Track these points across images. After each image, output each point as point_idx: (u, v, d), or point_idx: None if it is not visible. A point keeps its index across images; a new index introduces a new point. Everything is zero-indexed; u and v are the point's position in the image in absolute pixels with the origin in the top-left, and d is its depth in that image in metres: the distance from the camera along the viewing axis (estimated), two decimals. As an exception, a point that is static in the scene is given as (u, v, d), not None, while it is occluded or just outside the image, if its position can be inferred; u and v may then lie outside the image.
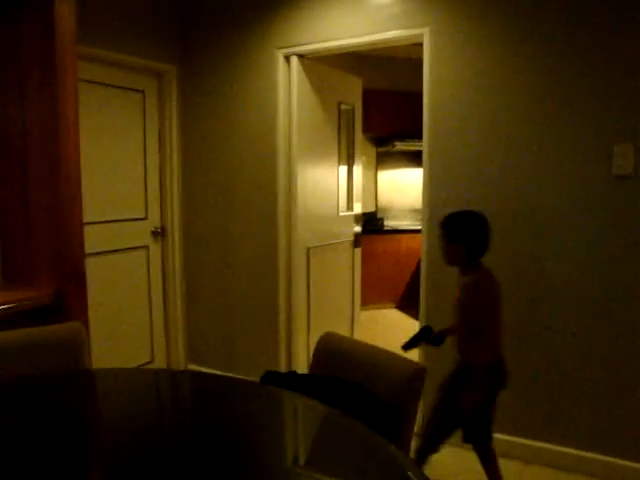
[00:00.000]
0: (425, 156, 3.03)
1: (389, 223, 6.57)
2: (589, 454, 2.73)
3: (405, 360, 1.68)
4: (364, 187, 6.37)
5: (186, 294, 4.08)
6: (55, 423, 1.58)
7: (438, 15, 2.92)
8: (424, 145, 3.02)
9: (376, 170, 6.61)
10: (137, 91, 3.80)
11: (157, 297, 4.00)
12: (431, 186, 3.03)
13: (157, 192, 3.95)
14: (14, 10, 2.75)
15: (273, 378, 1.78)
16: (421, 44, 3.00)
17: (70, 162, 2.67)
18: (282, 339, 3.62)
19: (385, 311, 6.02)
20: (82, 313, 2.72)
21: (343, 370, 1.83)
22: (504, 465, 2.43)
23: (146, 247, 3.93)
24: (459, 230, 2.24)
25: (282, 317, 3.60)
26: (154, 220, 3.95)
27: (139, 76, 3.77)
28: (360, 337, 4.27)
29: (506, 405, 2.87)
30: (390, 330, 5.35)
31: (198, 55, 3.80)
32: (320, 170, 3.68)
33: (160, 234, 3.99)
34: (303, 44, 3.37)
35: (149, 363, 3.99)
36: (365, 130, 6.17)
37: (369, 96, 6.07)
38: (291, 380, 1.75)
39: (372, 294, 5.99)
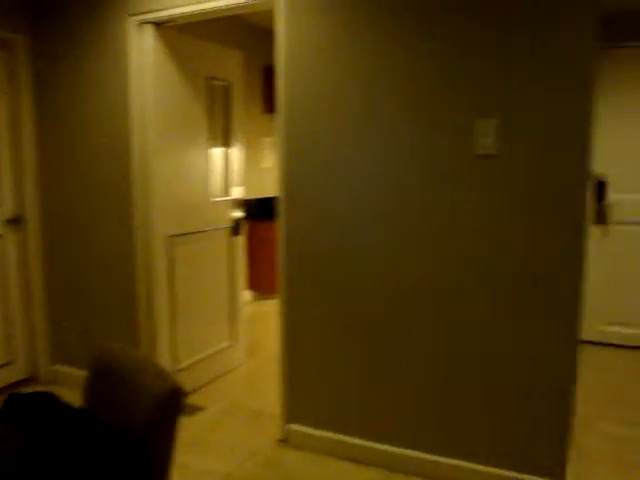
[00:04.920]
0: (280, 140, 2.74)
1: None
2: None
3: (163, 379, 1.39)
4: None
5: (46, 288, 3.71)
6: None
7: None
8: (278, 131, 2.72)
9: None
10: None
11: (15, 290, 3.62)
12: (287, 164, 2.75)
13: (9, 176, 3.54)
14: None
15: (16, 403, 1.47)
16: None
17: None
18: (143, 338, 3.31)
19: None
20: None
21: (111, 391, 1.54)
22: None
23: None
24: None
25: (141, 312, 3.28)
26: (8, 208, 3.55)
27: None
28: (243, 332, 3.99)
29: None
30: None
31: (48, 24, 3.39)
32: (185, 152, 3.33)
33: (17, 222, 3.59)
34: (157, 10, 3.01)
35: (8, 364, 3.62)
36: (271, 110, 5.86)
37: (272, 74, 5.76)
38: (33, 407, 1.44)
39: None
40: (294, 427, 2.91)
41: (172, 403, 1.33)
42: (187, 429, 3.09)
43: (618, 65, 4.26)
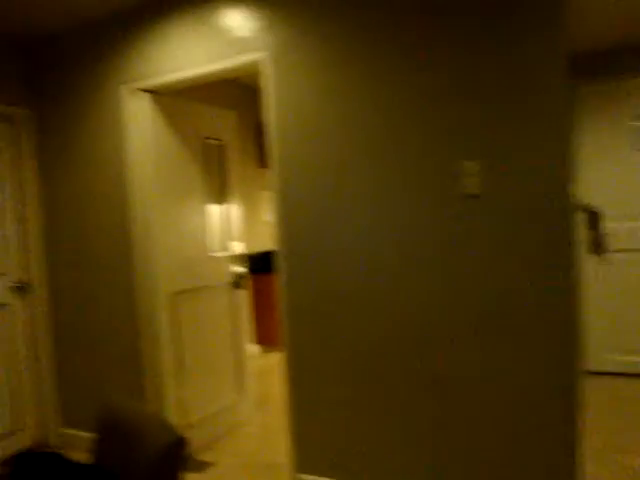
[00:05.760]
0: (276, 192, 2.84)
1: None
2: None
3: (165, 430, 1.43)
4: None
5: (54, 353, 3.76)
6: None
7: (278, 39, 2.76)
8: (273, 186, 2.83)
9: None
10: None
11: (23, 357, 3.67)
12: (283, 218, 2.84)
13: (15, 243, 3.65)
14: None
15: (25, 462, 1.50)
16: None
17: None
18: (150, 396, 3.33)
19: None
20: None
21: (117, 443, 1.58)
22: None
23: (6, 305, 3.60)
24: None
25: (147, 370, 3.31)
26: (15, 275, 3.64)
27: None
28: (251, 385, 3.99)
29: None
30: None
31: (50, 98, 3.57)
32: (183, 211, 3.43)
33: (23, 290, 3.67)
34: (149, 77, 3.17)
35: (18, 431, 3.63)
36: (265, 165, 6.01)
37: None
38: (42, 465, 1.48)
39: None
40: (304, 477, 2.89)
41: (174, 453, 1.36)
42: (198, 486, 3.07)
43: (600, 100, 4.42)
